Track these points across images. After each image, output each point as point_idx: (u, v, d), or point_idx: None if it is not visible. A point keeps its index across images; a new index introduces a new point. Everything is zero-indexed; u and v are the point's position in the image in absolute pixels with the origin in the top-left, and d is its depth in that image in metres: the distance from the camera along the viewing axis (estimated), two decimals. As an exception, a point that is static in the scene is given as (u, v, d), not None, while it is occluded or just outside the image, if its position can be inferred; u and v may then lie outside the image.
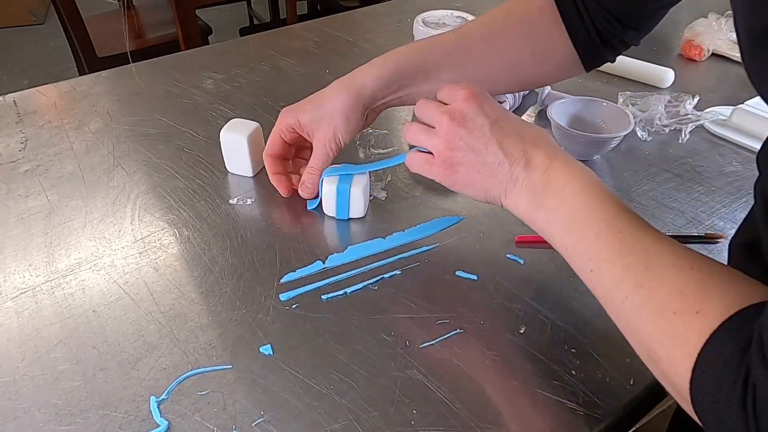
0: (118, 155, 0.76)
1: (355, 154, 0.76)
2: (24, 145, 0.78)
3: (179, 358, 0.50)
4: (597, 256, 0.42)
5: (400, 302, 0.56)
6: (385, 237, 0.63)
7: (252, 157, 0.70)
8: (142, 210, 0.67)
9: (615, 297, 0.41)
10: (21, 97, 0.88)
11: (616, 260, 0.41)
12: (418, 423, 0.46)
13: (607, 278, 0.41)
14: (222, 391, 0.48)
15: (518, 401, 0.47)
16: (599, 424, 0.46)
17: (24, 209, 0.67)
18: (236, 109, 0.86)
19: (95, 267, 0.59)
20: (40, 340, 0.52)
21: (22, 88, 0.90)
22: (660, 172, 0.74)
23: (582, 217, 0.44)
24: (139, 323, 0.53)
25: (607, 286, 0.41)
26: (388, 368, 0.50)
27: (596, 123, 0.76)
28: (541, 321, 0.54)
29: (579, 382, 0.49)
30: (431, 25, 0.80)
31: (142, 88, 0.91)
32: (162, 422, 0.45)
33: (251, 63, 0.98)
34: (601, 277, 0.42)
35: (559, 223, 0.46)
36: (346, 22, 1.18)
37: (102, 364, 0.50)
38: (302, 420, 0.46)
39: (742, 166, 0.75)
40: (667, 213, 0.67)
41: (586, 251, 0.43)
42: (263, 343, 0.52)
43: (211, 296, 0.56)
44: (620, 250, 0.41)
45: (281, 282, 0.58)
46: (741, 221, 0.50)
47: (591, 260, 0.43)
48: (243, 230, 0.64)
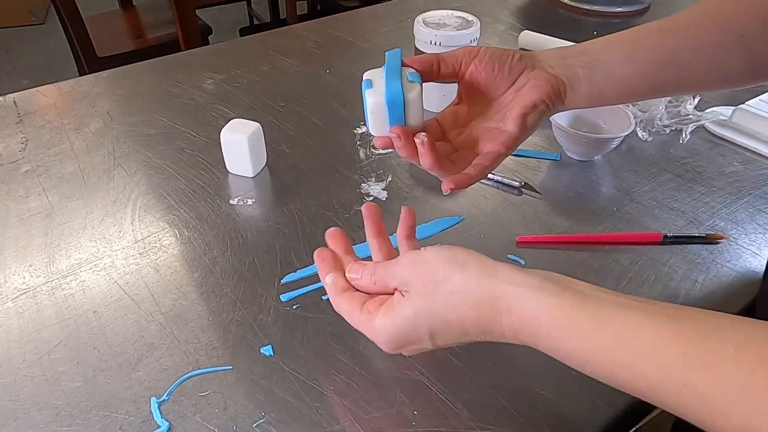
0: (118, 155, 0.76)
1: (356, 154, 0.76)
2: (24, 146, 0.78)
3: (180, 358, 0.50)
4: (635, 387, 0.34)
5: (400, 303, 0.56)
6: (385, 237, 0.63)
7: (252, 157, 0.70)
8: (143, 210, 0.67)
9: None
10: (21, 97, 0.88)
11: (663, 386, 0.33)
12: (419, 423, 0.46)
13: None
14: (223, 392, 0.48)
15: (519, 402, 0.47)
16: (600, 424, 0.46)
17: (24, 210, 0.67)
18: (236, 109, 0.86)
19: (96, 268, 0.59)
20: (41, 340, 0.52)
21: (22, 88, 0.90)
22: (661, 173, 0.74)
23: (587, 360, 0.36)
24: (139, 324, 0.53)
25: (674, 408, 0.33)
26: (388, 369, 0.50)
27: (597, 123, 0.76)
28: (541, 321, 0.54)
29: (580, 382, 0.49)
30: (431, 25, 0.80)
31: (142, 88, 0.91)
32: (163, 423, 0.45)
33: (251, 63, 0.98)
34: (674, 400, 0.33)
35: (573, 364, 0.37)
36: (346, 22, 1.18)
37: (102, 364, 0.50)
38: (303, 421, 0.46)
39: (742, 166, 0.75)
40: (668, 213, 0.67)
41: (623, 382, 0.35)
42: (264, 343, 0.52)
43: (211, 297, 0.56)
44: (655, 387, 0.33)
45: (282, 282, 0.58)
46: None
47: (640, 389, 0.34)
48: (243, 231, 0.64)
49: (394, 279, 0.42)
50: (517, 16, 1.17)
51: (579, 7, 1.21)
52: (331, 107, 0.86)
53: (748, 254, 0.61)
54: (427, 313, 0.40)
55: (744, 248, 0.62)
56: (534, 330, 0.37)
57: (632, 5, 1.21)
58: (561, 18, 1.19)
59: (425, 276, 0.40)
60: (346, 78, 0.94)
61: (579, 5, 1.21)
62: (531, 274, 0.38)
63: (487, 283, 0.39)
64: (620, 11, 1.20)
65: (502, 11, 1.18)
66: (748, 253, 0.61)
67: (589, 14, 1.20)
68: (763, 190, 0.70)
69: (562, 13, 1.21)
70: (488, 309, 0.38)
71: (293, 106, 0.86)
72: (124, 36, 2.05)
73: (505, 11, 1.19)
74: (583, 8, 1.21)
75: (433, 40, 0.79)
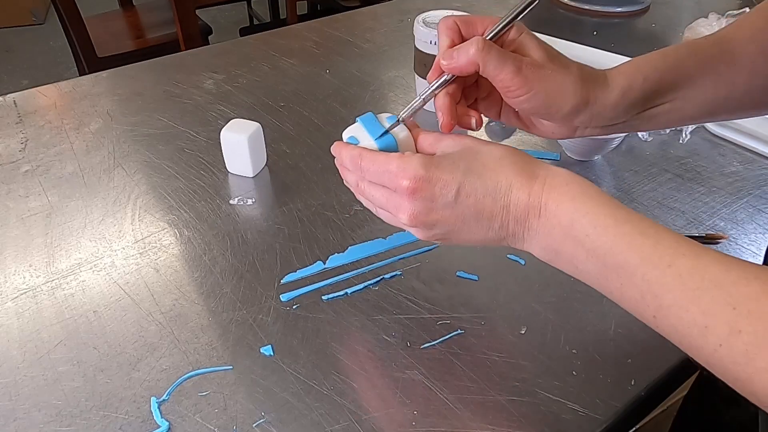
0: (118, 155, 0.76)
1: (356, 154, 0.76)
2: (24, 146, 0.78)
3: (180, 358, 0.50)
4: (656, 302, 0.35)
5: (400, 303, 0.56)
6: (385, 237, 0.63)
7: (252, 157, 0.70)
8: (143, 210, 0.67)
9: (702, 345, 0.33)
10: (21, 97, 0.88)
11: (684, 305, 0.34)
12: (419, 423, 0.46)
13: (681, 326, 0.34)
14: (223, 392, 0.48)
15: (519, 402, 0.47)
16: (600, 424, 0.46)
17: (24, 210, 0.67)
18: (236, 109, 0.86)
19: (95, 267, 0.59)
20: (41, 340, 0.52)
21: (22, 88, 0.90)
22: (661, 173, 0.74)
23: (614, 259, 0.36)
24: (139, 324, 0.53)
25: (684, 334, 0.34)
26: (388, 369, 0.50)
27: (597, 123, 0.76)
28: (542, 321, 0.54)
29: (580, 383, 0.49)
30: (431, 25, 0.80)
31: (142, 88, 0.91)
32: (163, 423, 0.45)
33: (251, 63, 0.98)
34: (672, 325, 0.35)
35: (589, 271, 0.38)
36: (346, 22, 1.18)
37: (102, 364, 0.50)
38: (303, 421, 0.46)
39: (742, 166, 0.75)
40: (668, 213, 0.67)
41: (639, 297, 0.36)
42: (264, 343, 0.52)
43: (211, 297, 0.56)
44: (683, 291, 0.34)
45: (282, 282, 0.58)
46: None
47: (650, 307, 0.36)
48: (243, 231, 0.64)
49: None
50: (517, 16, 1.17)
51: (579, 7, 1.21)
52: (331, 107, 0.86)
53: (748, 254, 0.61)
54: (465, 167, 0.41)
55: (744, 248, 0.62)
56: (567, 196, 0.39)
57: (632, 5, 1.21)
58: (561, 18, 1.19)
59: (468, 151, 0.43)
60: (346, 78, 0.94)
61: (579, 5, 1.21)
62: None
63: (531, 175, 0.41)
64: (620, 11, 1.20)
65: (502, 11, 1.18)
66: (748, 253, 0.61)
67: (589, 14, 1.20)
68: (763, 190, 0.70)
69: (562, 13, 1.21)
70: (529, 171, 0.41)
71: (293, 106, 0.86)
72: (124, 36, 2.05)
73: (505, 11, 1.18)
74: (583, 8, 1.21)
75: (433, 40, 0.79)
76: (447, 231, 0.42)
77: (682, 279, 0.34)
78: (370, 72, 0.97)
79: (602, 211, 0.38)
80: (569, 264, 0.39)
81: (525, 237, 0.41)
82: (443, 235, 0.43)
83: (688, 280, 0.34)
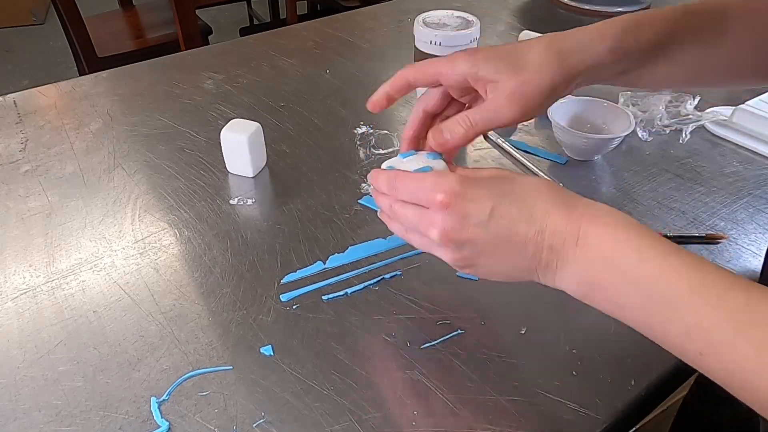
0: (118, 155, 0.76)
1: (356, 154, 0.76)
2: (24, 146, 0.78)
3: (180, 358, 0.50)
4: (705, 338, 0.33)
5: (400, 303, 0.56)
6: (386, 237, 0.63)
7: (252, 157, 0.70)
8: (143, 210, 0.67)
9: (759, 386, 0.32)
10: (21, 97, 0.88)
11: (736, 342, 0.32)
12: (419, 424, 0.46)
13: (731, 363, 0.33)
14: (223, 392, 0.48)
15: (519, 402, 0.47)
16: (600, 424, 0.46)
17: (24, 210, 0.67)
18: (236, 109, 0.86)
19: (95, 267, 0.59)
20: (41, 340, 0.52)
21: (22, 88, 0.90)
22: (660, 173, 0.74)
23: (660, 292, 0.35)
24: (139, 324, 0.53)
25: (735, 372, 0.33)
26: (389, 369, 0.50)
27: (597, 123, 0.76)
28: (542, 321, 0.54)
29: (580, 383, 0.49)
30: (431, 25, 0.80)
31: (142, 88, 0.91)
32: (163, 423, 0.45)
33: (251, 63, 0.98)
34: (722, 362, 0.33)
35: (631, 305, 0.37)
36: (346, 22, 1.18)
37: (102, 364, 0.50)
38: (303, 421, 0.46)
39: (742, 166, 0.75)
40: (668, 213, 0.67)
41: (684, 333, 0.34)
42: (264, 343, 0.52)
43: (211, 297, 0.56)
44: (735, 326, 0.32)
45: (282, 282, 0.58)
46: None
47: (697, 343, 0.34)
48: (243, 231, 0.64)
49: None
50: (517, 16, 1.17)
51: (579, 7, 1.21)
52: (331, 107, 0.86)
53: (748, 254, 0.61)
54: (501, 190, 0.41)
55: (744, 248, 0.62)
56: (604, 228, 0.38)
57: (632, 5, 1.21)
58: (561, 18, 1.19)
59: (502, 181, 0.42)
60: (346, 78, 0.94)
61: (579, 5, 1.21)
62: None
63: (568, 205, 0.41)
64: (620, 11, 1.20)
65: (502, 11, 1.19)
66: (748, 253, 0.61)
67: (589, 14, 1.20)
68: (763, 190, 0.70)
69: (562, 13, 1.21)
70: (568, 201, 0.40)
71: (293, 106, 0.86)
72: (124, 36, 2.05)
73: (505, 11, 1.19)
74: (583, 8, 1.21)
75: (433, 40, 0.79)
76: (477, 253, 0.41)
77: (733, 314, 0.33)
78: (370, 72, 0.97)
79: (647, 243, 0.36)
80: (607, 298, 0.38)
81: (558, 268, 0.39)
82: (473, 258, 0.41)
83: (739, 315, 0.32)
